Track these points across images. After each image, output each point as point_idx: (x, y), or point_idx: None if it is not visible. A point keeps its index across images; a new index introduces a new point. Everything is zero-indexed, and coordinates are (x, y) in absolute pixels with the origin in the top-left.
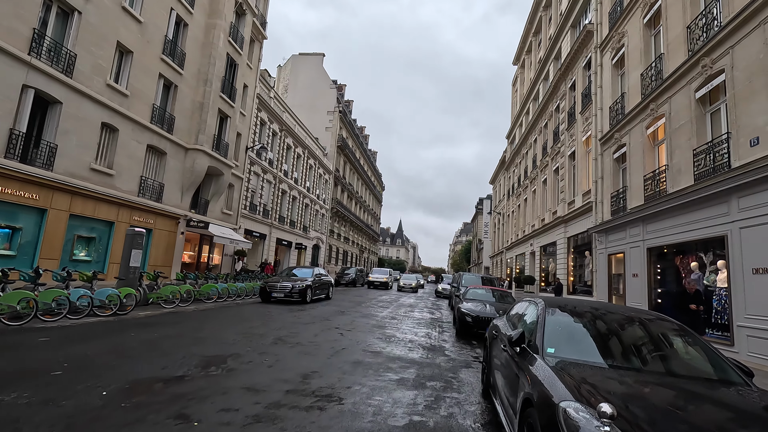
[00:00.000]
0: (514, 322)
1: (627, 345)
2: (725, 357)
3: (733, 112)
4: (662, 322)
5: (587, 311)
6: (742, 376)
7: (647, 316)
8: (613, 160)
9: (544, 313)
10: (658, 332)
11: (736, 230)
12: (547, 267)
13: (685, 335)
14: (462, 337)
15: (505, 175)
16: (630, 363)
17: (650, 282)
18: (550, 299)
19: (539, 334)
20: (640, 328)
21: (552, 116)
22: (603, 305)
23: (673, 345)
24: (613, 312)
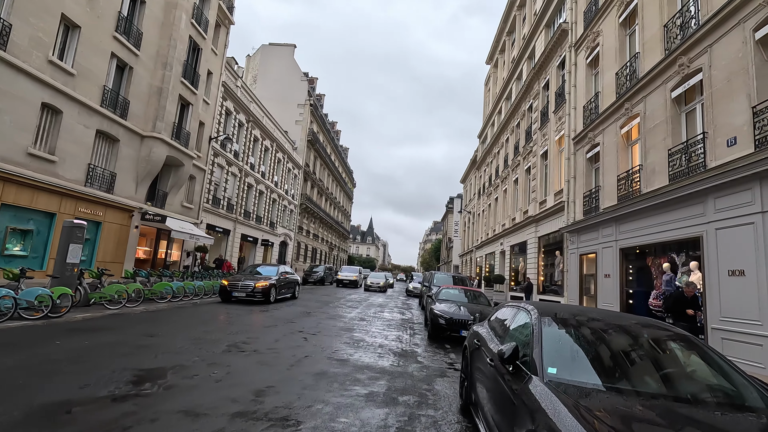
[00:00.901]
0: (499, 330)
1: (640, 364)
2: (750, 377)
3: (710, 111)
4: (672, 334)
5: (588, 321)
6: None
7: (658, 328)
8: (586, 160)
9: (539, 324)
10: (673, 347)
11: (712, 231)
12: (517, 266)
13: (703, 351)
14: (434, 341)
15: (476, 174)
16: (648, 387)
17: (622, 283)
18: (543, 306)
19: (536, 349)
20: (653, 342)
21: (525, 115)
22: (603, 313)
23: (691, 363)
24: (618, 323)
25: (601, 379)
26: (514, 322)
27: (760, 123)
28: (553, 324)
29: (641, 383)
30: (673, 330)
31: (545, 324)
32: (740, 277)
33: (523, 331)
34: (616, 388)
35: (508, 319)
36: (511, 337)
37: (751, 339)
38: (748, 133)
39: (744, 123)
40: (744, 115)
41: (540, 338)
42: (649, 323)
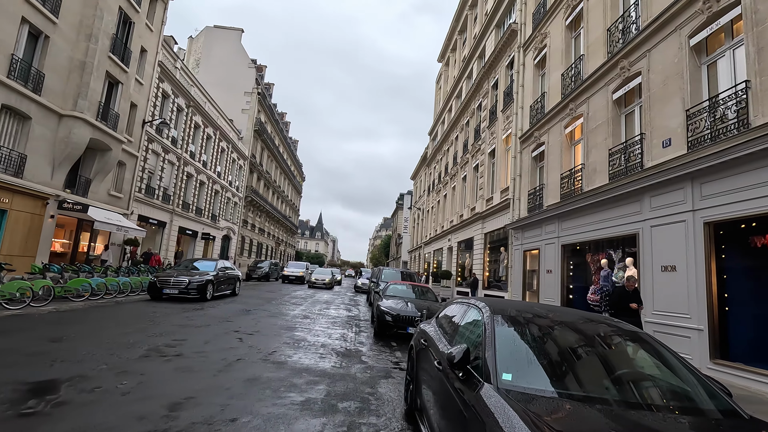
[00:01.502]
0: (448, 329)
1: (599, 368)
2: (704, 376)
3: (648, 114)
4: (627, 332)
5: (543, 320)
6: (736, 405)
7: (613, 326)
8: (532, 159)
9: (492, 323)
10: (630, 348)
11: (647, 228)
12: (463, 262)
13: (659, 350)
14: (380, 338)
15: (426, 171)
16: (608, 393)
17: (563, 278)
18: (495, 303)
19: (489, 352)
20: (610, 342)
21: (474, 114)
22: (556, 311)
23: (648, 363)
24: (573, 321)
25: (560, 386)
26: (463, 320)
27: (693, 125)
28: (507, 323)
29: (600, 389)
30: (627, 328)
31: (498, 323)
32: (672, 272)
33: (474, 330)
34: (576, 396)
35: (458, 316)
36: (461, 336)
37: (680, 331)
38: (682, 134)
39: (678, 125)
40: (678, 118)
41: (493, 340)
42: (603, 321)
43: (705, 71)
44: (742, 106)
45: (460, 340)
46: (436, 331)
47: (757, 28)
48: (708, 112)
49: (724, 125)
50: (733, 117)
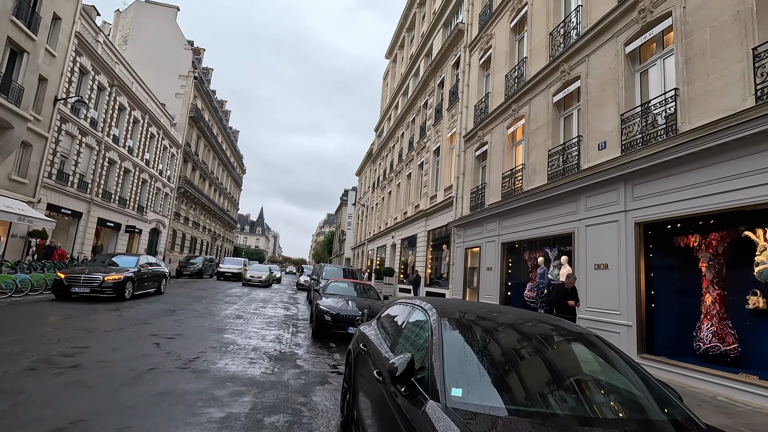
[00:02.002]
0: (390, 333)
1: (557, 377)
2: (659, 383)
3: (585, 117)
4: (582, 336)
5: (493, 323)
6: (691, 413)
7: (566, 329)
8: (475, 158)
9: (439, 328)
10: (587, 354)
11: (582, 228)
12: (406, 259)
13: (609, 354)
14: (319, 339)
15: (371, 168)
16: (566, 407)
17: (503, 275)
18: (442, 304)
19: (437, 363)
20: (565, 348)
21: (420, 112)
22: (505, 311)
23: (602, 370)
24: (524, 323)
25: (515, 401)
26: (407, 323)
27: (627, 129)
28: (456, 328)
29: (556, 403)
30: (577, 330)
31: (446, 328)
32: (604, 270)
33: (419, 335)
34: (531, 413)
35: (401, 318)
36: (404, 342)
37: (611, 327)
38: (617, 138)
39: (613, 129)
40: (613, 122)
41: (441, 348)
42: (552, 322)
43: (638, 78)
44: (671, 112)
45: (404, 347)
46: (377, 335)
47: (686, 39)
48: (640, 117)
49: (654, 130)
50: (663, 123)
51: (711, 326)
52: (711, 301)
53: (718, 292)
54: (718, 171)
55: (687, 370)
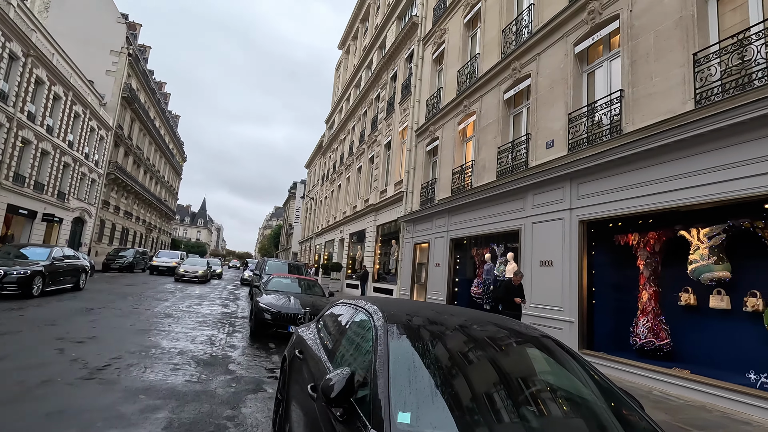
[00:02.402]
0: (330, 339)
1: (513, 392)
2: (619, 388)
3: (535, 115)
4: (539, 341)
5: (446, 328)
6: (653, 424)
7: (525, 334)
8: (426, 153)
9: (385, 337)
10: (546, 361)
11: (529, 225)
12: (355, 254)
13: (573, 363)
14: (257, 339)
15: (321, 160)
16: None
17: (450, 271)
18: (388, 306)
19: (381, 381)
20: (522, 356)
21: (372, 104)
22: (458, 313)
23: (565, 382)
24: (480, 328)
25: (472, 428)
26: (350, 328)
27: (574, 129)
28: (404, 336)
29: (523, 424)
30: (534, 334)
31: (393, 336)
32: (549, 267)
33: (362, 343)
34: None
35: (343, 322)
36: (346, 349)
37: (554, 324)
38: (564, 137)
39: (561, 128)
40: (561, 121)
41: (386, 361)
42: (509, 326)
43: (586, 79)
44: (616, 113)
45: (345, 356)
46: (316, 340)
47: (632, 42)
48: (587, 117)
49: (600, 130)
50: (608, 123)
51: (647, 322)
52: (647, 297)
53: (654, 288)
54: (658, 172)
55: (624, 365)
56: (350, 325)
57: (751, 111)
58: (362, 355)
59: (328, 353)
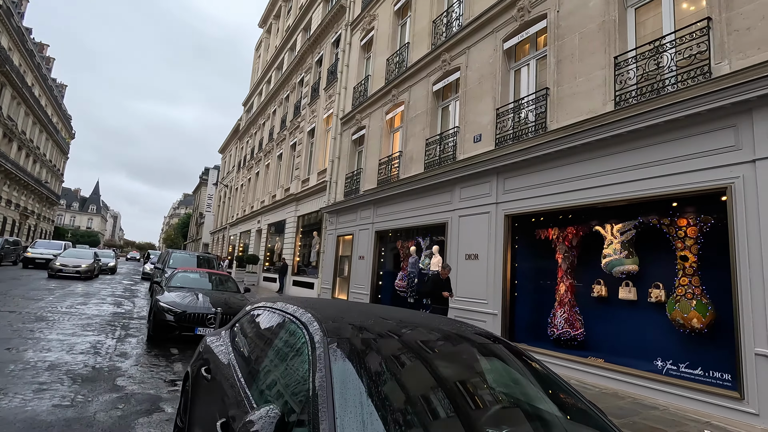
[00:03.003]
0: (248, 356)
1: (485, 419)
2: (586, 400)
3: (464, 108)
4: (507, 354)
5: (403, 343)
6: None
7: (490, 349)
8: (352, 142)
9: (326, 360)
10: (520, 382)
11: (455, 218)
12: (273, 246)
13: (539, 372)
14: (157, 345)
15: (237, 145)
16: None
17: (375, 264)
18: (325, 314)
19: (324, 425)
20: (491, 376)
21: (295, 89)
22: (410, 320)
23: (538, 400)
24: (439, 338)
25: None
26: (277, 343)
27: (501, 124)
28: (353, 358)
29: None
30: (496, 343)
31: (337, 358)
32: (474, 260)
33: (293, 367)
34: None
35: (266, 332)
36: (270, 374)
37: (479, 316)
38: (492, 131)
39: (489, 122)
40: (489, 116)
41: (330, 396)
42: (472, 336)
43: (513, 76)
44: (541, 110)
45: (269, 384)
46: (229, 354)
47: (558, 42)
48: (514, 113)
49: (526, 126)
50: (534, 120)
51: (563, 313)
52: (564, 289)
53: (570, 281)
54: (578, 169)
55: (543, 355)
56: (276, 339)
57: (662, 115)
58: (295, 383)
59: (246, 375)
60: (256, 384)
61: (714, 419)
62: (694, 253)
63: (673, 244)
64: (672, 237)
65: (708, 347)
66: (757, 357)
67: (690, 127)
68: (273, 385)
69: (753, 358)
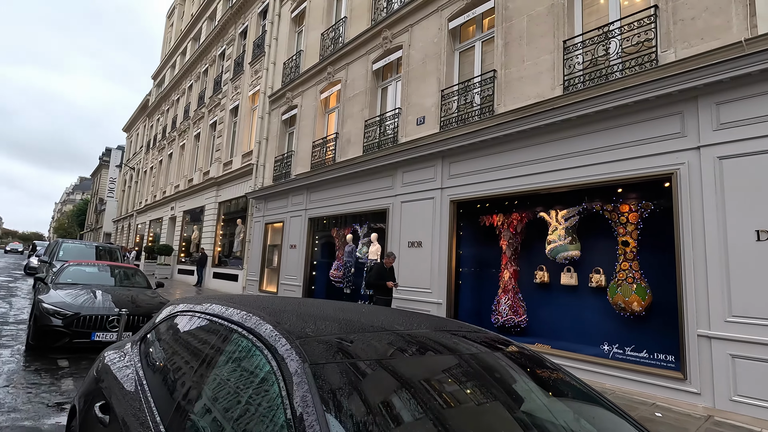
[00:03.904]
0: (171, 375)
1: None
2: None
3: (406, 89)
4: (537, 367)
5: (404, 358)
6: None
7: (511, 354)
8: (282, 122)
9: (315, 404)
10: (552, 404)
11: (398, 204)
12: (189, 235)
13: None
14: (39, 357)
15: (146, 123)
16: None
17: (308, 254)
18: (285, 315)
19: None
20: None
21: (215, 62)
22: (389, 318)
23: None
24: (456, 346)
25: None
26: (220, 366)
27: (446, 106)
28: (355, 396)
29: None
30: (527, 354)
31: (330, 399)
32: (418, 248)
33: (254, 413)
34: None
35: (198, 351)
36: (204, 420)
37: (423, 306)
38: (436, 114)
39: (433, 104)
40: (433, 98)
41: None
42: (490, 342)
43: (457, 57)
44: (488, 93)
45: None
46: (140, 382)
47: (506, 24)
48: (459, 95)
49: (473, 110)
50: (480, 103)
51: (508, 300)
52: (509, 276)
53: (514, 268)
54: (525, 155)
55: None
56: (216, 364)
57: (611, 100)
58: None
59: (168, 415)
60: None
61: (659, 400)
62: (634, 239)
63: (615, 230)
64: (615, 223)
65: (650, 330)
66: (699, 338)
67: (637, 113)
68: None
69: (695, 339)
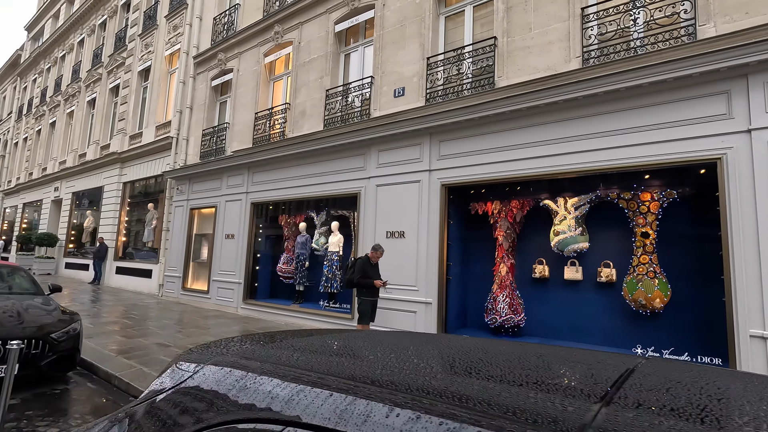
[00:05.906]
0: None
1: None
2: None
3: (379, 55)
4: None
5: None
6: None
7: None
8: (212, 88)
9: None
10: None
11: (372, 188)
12: (82, 222)
13: None
14: None
15: (18, 84)
16: None
17: (251, 245)
18: None
19: None
20: None
21: (117, 13)
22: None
23: None
24: None
25: None
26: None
27: (432, 76)
28: None
29: None
30: None
31: None
32: (400, 239)
33: None
34: None
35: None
36: None
37: (406, 306)
38: (419, 85)
39: (415, 74)
40: (415, 66)
41: None
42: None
43: (443, 21)
44: (488, 63)
45: None
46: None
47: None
48: (450, 64)
49: (468, 81)
50: (476, 75)
51: (505, 297)
52: (506, 271)
53: (511, 261)
54: (530, 135)
55: None
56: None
57: (643, 76)
58: None
59: None
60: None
61: None
62: (654, 230)
63: (632, 220)
64: (633, 212)
65: (682, 328)
66: (752, 338)
67: (673, 92)
68: None
69: (748, 339)
